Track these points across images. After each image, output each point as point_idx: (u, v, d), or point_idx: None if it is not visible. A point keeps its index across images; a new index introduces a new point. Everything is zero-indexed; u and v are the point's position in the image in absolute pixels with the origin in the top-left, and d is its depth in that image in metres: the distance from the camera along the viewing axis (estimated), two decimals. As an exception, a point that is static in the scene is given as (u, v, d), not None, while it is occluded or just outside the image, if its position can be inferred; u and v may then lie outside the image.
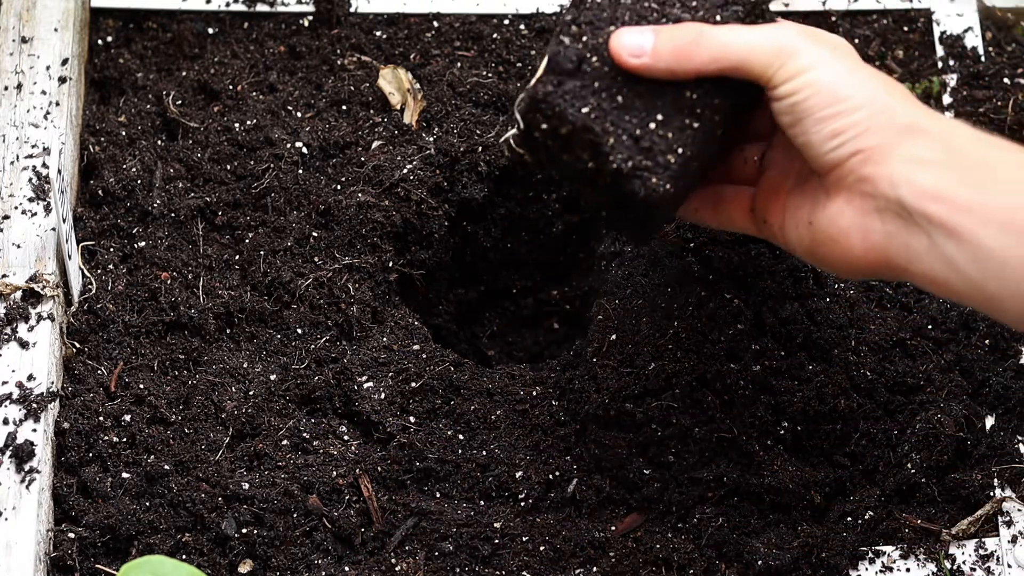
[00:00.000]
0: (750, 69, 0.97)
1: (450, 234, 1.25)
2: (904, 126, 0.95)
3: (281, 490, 1.08)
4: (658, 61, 0.98)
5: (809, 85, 0.96)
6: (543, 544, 1.08)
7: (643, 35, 0.98)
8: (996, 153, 0.94)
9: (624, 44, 0.98)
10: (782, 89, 0.96)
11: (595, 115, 0.97)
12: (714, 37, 0.97)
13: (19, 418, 1.09)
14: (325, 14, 1.31)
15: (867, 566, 1.09)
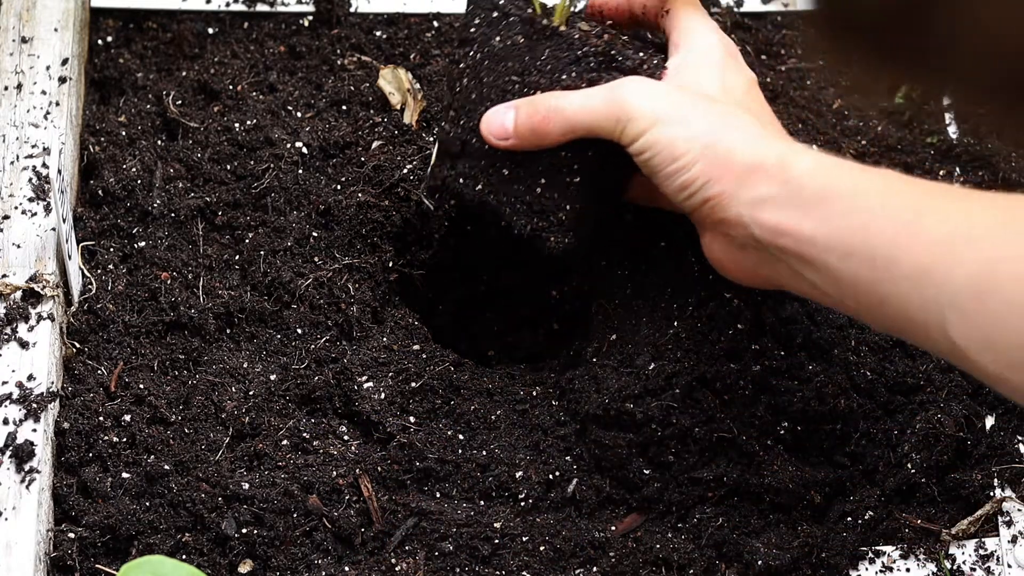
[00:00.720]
0: (599, 134, 1.04)
1: (450, 234, 1.25)
2: (743, 170, 1.00)
3: (281, 490, 1.08)
4: (522, 140, 1.07)
5: (650, 147, 1.02)
6: (543, 544, 1.08)
7: (506, 115, 1.07)
8: (833, 180, 0.97)
9: (491, 129, 1.08)
10: (630, 149, 1.03)
11: (489, 191, 1.08)
12: (561, 112, 1.05)
13: (19, 418, 1.09)
14: (325, 14, 1.31)
15: (867, 566, 1.09)
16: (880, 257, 0.93)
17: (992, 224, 0.91)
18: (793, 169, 0.98)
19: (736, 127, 1.02)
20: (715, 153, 1.00)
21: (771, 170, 0.99)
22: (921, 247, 0.92)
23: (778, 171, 0.98)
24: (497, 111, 1.08)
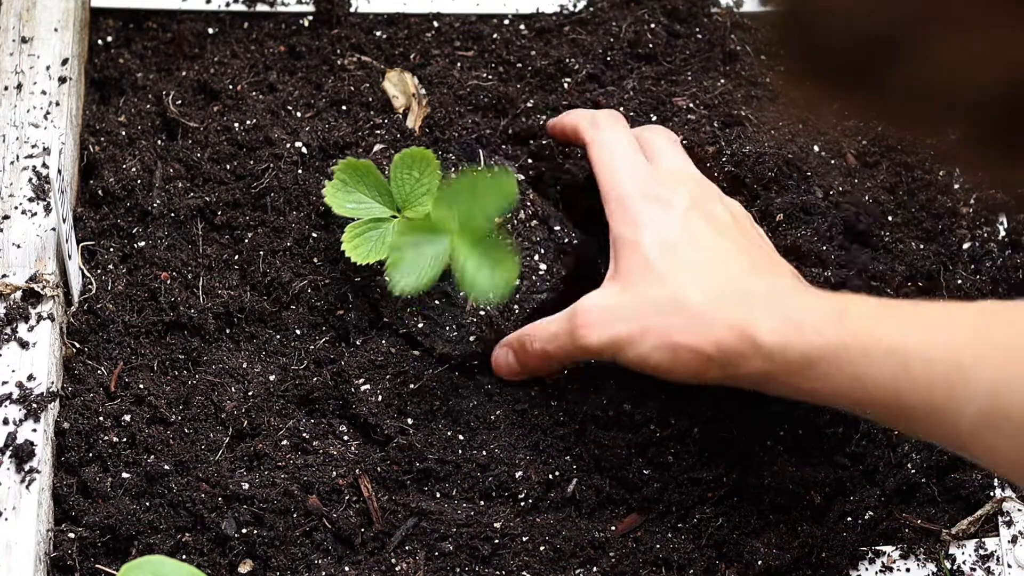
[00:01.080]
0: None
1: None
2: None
3: (281, 490, 1.08)
4: (525, 370, 1.13)
5: (637, 365, 1.05)
6: (543, 544, 1.08)
7: (507, 356, 1.13)
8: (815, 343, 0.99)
9: (501, 372, 1.15)
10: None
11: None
12: (533, 347, 1.11)
13: (19, 418, 1.09)
14: (325, 14, 1.31)
15: (867, 566, 1.09)
16: (888, 405, 0.95)
17: (980, 343, 0.91)
18: (763, 344, 0.99)
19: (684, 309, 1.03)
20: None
21: (745, 351, 1.00)
22: (923, 391, 0.93)
23: (752, 351, 1.00)
24: (496, 354, 1.14)
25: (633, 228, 1.08)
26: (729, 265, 1.06)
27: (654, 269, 1.05)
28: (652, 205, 1.09)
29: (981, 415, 0.89)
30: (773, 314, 0.99)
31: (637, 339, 1.03)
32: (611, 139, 1.14)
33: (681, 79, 1.28)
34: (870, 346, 0.95)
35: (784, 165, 1.21)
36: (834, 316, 0.97)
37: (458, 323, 1.16)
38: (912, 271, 1.20)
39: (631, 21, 1.30)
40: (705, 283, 1.03)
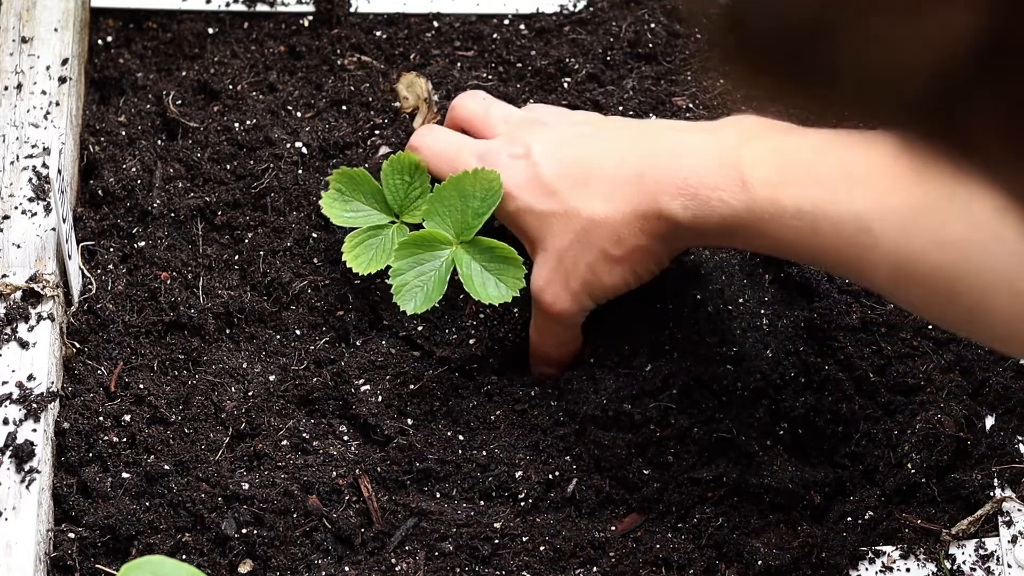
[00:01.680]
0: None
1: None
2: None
3: (281, 490, 1.08)
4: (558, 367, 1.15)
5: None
6: (543, 544, 1.08)
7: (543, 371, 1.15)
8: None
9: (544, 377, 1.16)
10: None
11: None
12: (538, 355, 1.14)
13: (19, 418, 1.09)
14: (325, 14, 1.31)
15: (867, 566, 1.09)
16: (808, 261, 1.01)
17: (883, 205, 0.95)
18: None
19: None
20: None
21: (670, 230, 1.03)
22: (834, 252, 0.97)
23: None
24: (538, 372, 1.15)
25: (508, 195, 1.09)
26: (608, 155, 1.07)
27: (547, 214, 1.07)
28: (506, 161, 1.10)
29: (892, 276, 0.93)
30: (678, 191, 1.01)
31: (591, 279, 1.06)
32: (426, 140, 1.15)
33: (681, 79, 1.28)
34: (777, 212, 0.97)
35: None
36: (736, 181, 0.99)
37: (458, 326, 1.15)
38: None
39: (631, 21, 1.30)
40: (599, 187, 1.05)
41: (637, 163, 1.04)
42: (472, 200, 1.11)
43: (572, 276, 1.07)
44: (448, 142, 1.14)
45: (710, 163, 1.01)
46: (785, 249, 0.99)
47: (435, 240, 1.11)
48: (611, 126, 1.11)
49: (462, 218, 1.11)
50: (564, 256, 1.06)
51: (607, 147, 1.07)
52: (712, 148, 1.02)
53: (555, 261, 1.07)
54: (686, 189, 1.01)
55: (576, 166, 1.07)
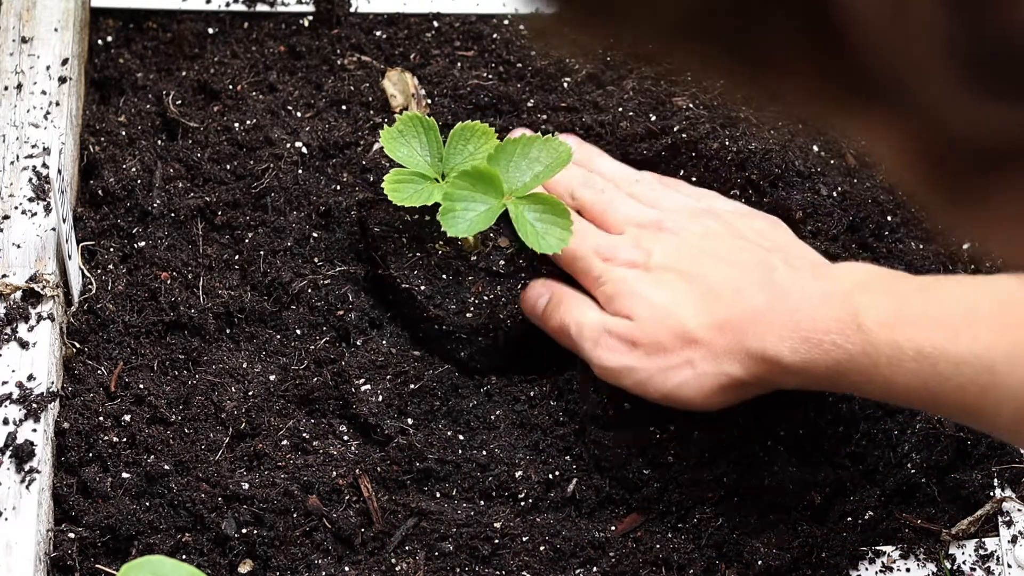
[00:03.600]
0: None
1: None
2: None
3: (281, 490, 1.08)
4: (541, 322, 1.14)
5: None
6: (543, 544, 1.08)
7: (539, 298, 1.14)
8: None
9: (525, 305, 1.15)
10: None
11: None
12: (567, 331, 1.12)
13: (19, 418, 1.09)
14: (325, 14, 1.31)
15: (867, 566, 1.09)
16: (924, 404, 0.98)
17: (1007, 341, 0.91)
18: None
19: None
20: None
21: (774, 374, 1.01)
22: (956, 392, 0.93)
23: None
24: (535, 291, 1.14)
25: (620, 295, 1.09)
26: (726, 284, 1.06)
27: (651, 306, 1.06)
28: (624, 271, 1.10)
29: (1018, 412, 0.89)
30: (789, 333, 0.99)
31: (673, 392, 1.05)
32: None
33: (681, 79, 1.28)
34: (895, 355, 0.94)
35: (788, 163, 1.21)
36: (851, 324, 0.96)
37: (460, 299, 1.16)
38: (911, 271, 1.20)
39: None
40: (706, 311, 1.04)
41: (751, 298, 1.03)
42: (536, 164, 1.14)
43: (655, 381, 1.06)
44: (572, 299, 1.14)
45: (824, 308, 0.99)
46: (897, 392, 0.96)
47: (491, 181, 1.12)
48: (733, 246, 1.09)
49: (520, 177, 1.14)
50: (657, 360, 1.06)
51: (727, 274, 1.06)
52: (825, 292, 1.00)
53: (646, 360, 1.06)
54: (798, 332, 0.98)
55: (693, 284, 1.06)
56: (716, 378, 1.02)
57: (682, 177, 1.22)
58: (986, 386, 0.91)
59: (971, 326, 0.93)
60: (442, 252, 1.18)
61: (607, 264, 1.10)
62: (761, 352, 1.00)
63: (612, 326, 1.07)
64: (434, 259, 1.17)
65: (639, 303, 1.07)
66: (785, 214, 1.19)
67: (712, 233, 1.10)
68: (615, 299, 1.08)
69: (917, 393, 0.95)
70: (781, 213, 1.19)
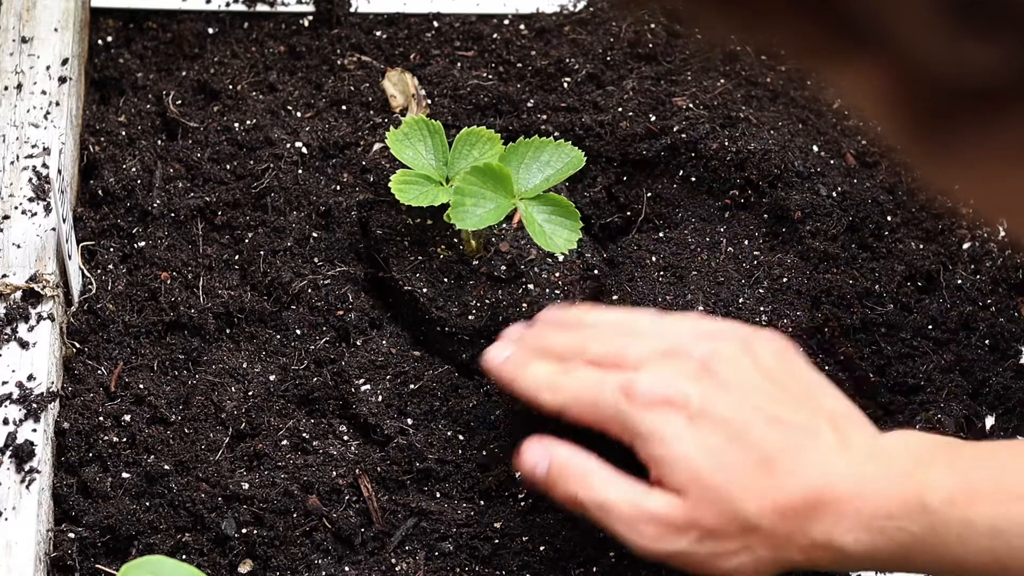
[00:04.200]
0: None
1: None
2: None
3: (281, 490, 1.08)
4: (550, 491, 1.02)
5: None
6: (543, 544, 1.08)
7: (539, 462, 1.02)
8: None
9: (523, 467, 1.03)
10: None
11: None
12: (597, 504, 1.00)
13: (19, 418, 1.09)
14: (325, 14, 1.31)
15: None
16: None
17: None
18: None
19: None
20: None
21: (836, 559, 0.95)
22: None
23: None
24: (531, 451, 1.01)
25: (658, 444, 0.96)
26: (771, 450, 0.95)
27: (705, 487, 0.95)
28: (655, 411, 0.97)
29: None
30: (851, 520, 0.93)
31: (713, 558, 0.95)
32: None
33: (681, 79, 1.28)
34: (966, 532, 0.90)
35: (788, 163, 1.21)
36: (916, 506, 0.92)
37: (461, 301, 1.16)
38: (912, 271, 1.20)
39: (631, 21, 1.30)
40: (762, 493, 0.94)
41: (810, 479, 0.94)
42: (547, 168, 1.14)
43: (708, 566, 0.96)
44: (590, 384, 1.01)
45: (886, 490, 0.93)
46: (969, 568, 0.91)
47: (502, 180, 1.12)
48: (767, 391, 0.98)
49: (531, 178, 1.14)
50: (711, 546, 0.96)
51: (778, 439, 0.95)
52: (886, 473, 0.94)
53: (698, 546, 0.96)
54: (861, 519, 0.92)
55: (750, 450, 0.95)
56: (775, 564, 0.95)
57: (681, 177, 1.22)
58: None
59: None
60: (444, 256, 1.18)
61: (633, 405, 0.97)
62: (827, 543, 0.93)
63: (656, 510, 0.95)
64: (436, 263, 1.17)
65: (685, 473, 0.95)
66: (785, 214, 1.19)
67: (743, 370, 0.98)
68: (659, 465, 0.96)
69: (990, 569, 0.91)
70: (781, 213, 1.19)
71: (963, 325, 1.18)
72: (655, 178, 1.24)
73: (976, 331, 1.18)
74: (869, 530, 0.92)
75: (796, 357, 1.00)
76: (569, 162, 1.14)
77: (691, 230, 1.20)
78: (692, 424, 0.96)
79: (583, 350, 1.02)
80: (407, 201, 1.14)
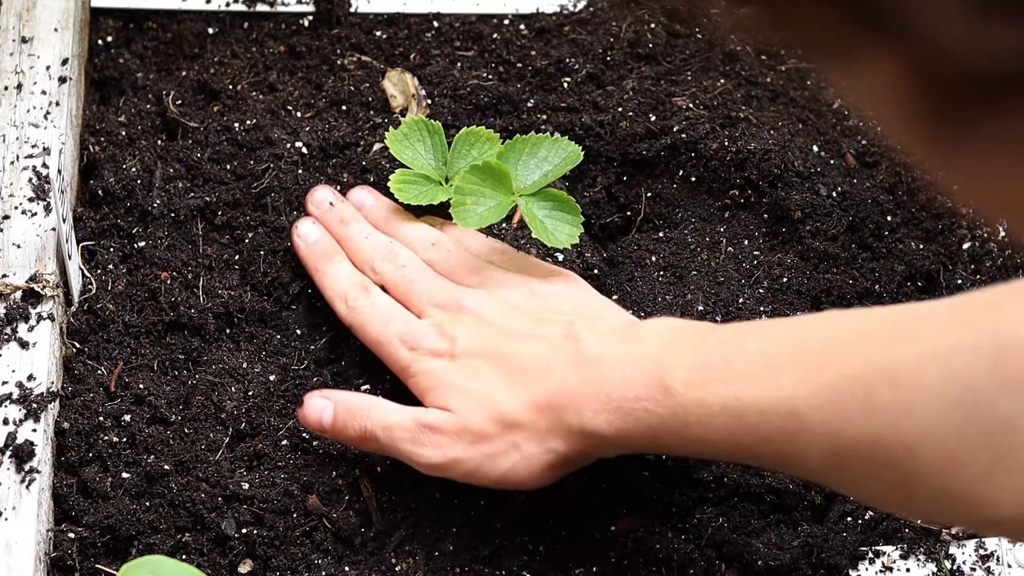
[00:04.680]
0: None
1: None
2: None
3: (281, 490, 1.08)
4: (332, 433, 1.09)
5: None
6: (543, 544, 1.08)
7: (324, 412, 1.08)
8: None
9: (306, 420, 1.09)
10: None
11: None
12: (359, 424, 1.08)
13: (19, 418, 1.09)
14: (325, 14, 1.31)
15: (867, 566, 1.09)
16: (733, 456, 0.98)
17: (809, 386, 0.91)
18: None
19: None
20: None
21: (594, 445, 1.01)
22: (763, 442, 0.92)
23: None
24: (312, 403, 1.08)
25: (427, 382, 1.06)
26: (536, 359, 1.04)
27: (467, 395, 1.03)
28: (430, 357, 1.07)
29: (825, 456, 0.89)
30: (603, 405, 0.98)
31: (486, 460, 1.02)
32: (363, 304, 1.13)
33: (681, 79, 1.28)
34: (703, 412, 0.94)
35: (787, 163, 1.21)
36: (659, 388, 0.96)
37: None
38: (912, 271, 1.20)
39: (631, 21, 1.30)
40: (519, 394, 1.02)
41: (564, 374, 1.02)
42: (545, 164, 1.14)
43: (485, 469, 1.03)
44: (382, 314, 1.11)
45: (633, 375, 0.98)
46: (710, 448, 0.96)
47: (502, 177, 1.12)
48: (537, 317, 1.07)
49: (529, 175, 1.14)
50: (483, 448, 1.03)
51: (536, 351, 1.04)
52: (633, 359, 0.99)
53: (472, 449, 1.03)
54: (610, 404, 0.98)
55: (504, 367, 1.04)
56: (543, 457, 1.01)
57: (681, 177, 1.22)
58: (792, 432, 0.90)
59: (774, 375, 0.92)
60: None
61: (413, 354, 1.07)
62: (580, 427, 0.99)
63: (431, 420, 1.03)
64: None
65: (454, 394, 1.04)
66: (784, 214, 1.19)
67: (513, 307, 1.08)
68: (428, 393, 1.05)
69: (728, 447, 0.94)
70: (780, 213, 1.19)
71: (963, 325, 1.18)
72: (655, 178, 1.24)
73: (976, 331, 1.18)
74: (619, 412, 0.98)
75: (582, 286, 1.11)
76: (567, 157, 1.14)
77: (691, 230, 1.20)
78: (458, 360, 1.05)
79: (384, 266, 1.13)
80: (406, 200, 1.14)
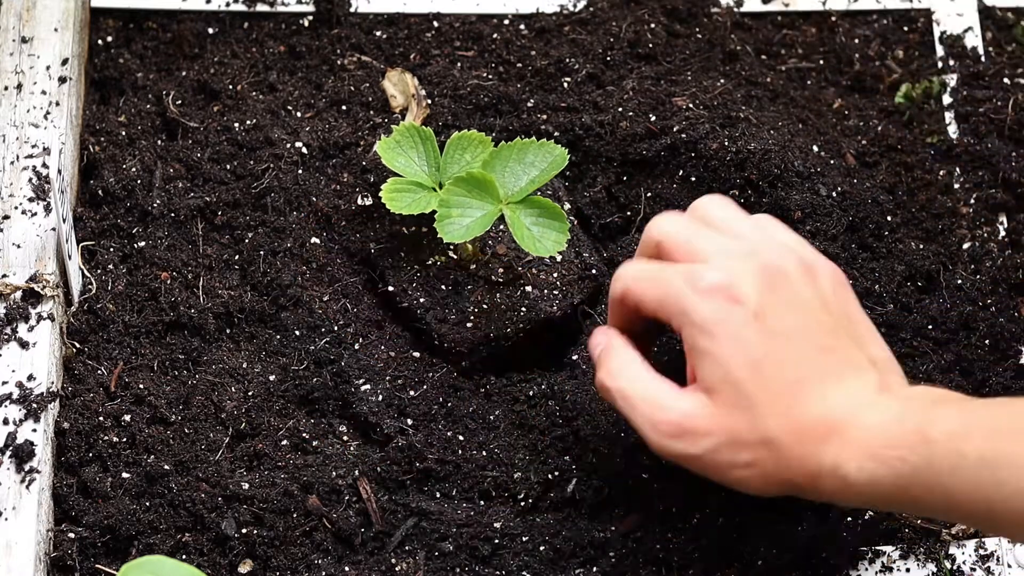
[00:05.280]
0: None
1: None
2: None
3: (281, 490, 1.08)
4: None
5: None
6: (543, 544, 1.08)
7: (596, 346, 1.05)
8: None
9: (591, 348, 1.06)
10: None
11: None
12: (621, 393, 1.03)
13: (19, 418, 1.09)
14: (325, 14, 1.31)
15: (867, 566, 1.09)
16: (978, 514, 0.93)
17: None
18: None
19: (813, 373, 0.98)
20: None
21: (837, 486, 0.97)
22: (1016, 499, 0.91)
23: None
24: (598, 334, 1.05)
25: (707, 336, 0.98)
26: (812, 375, 0.98)
27: (738, 392, 0.97)
28: (715, 301, 0.98)
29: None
30: (859, 449, 0.95)
31: (724, 465, 0.99)
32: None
33: (681, 79, 1.28)
34: (957, 465, 0.92)
35: (787, 163, 1.21)
36: (918, 438, 0.94)
37: (459, 308, 1.16)
38: (912, 271, 1.20)
39: (631, 21, 1.30)
40: (788, 411, 0.97)
41: (834, 406, 0.97)
42: (531, 169, 1.14)
43: (722, 472, 0.99)
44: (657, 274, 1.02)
45: (895, 424, 0.95)
46: (956, 500, 0.93)
47: (487, 187, 1.12)
48: (816, 312, 1.00)
49: (516, 182, 1.14)
50: (726, 431, 0.98)
51: (816, 363, 0.98)
52: (900, 412, 0.96)
53: (715, 423, 0.98)
54: (866, 449, 0.95)
55: (786, 375, 0.97)
56: (779, 485, 0.98)
57: (681, 177, 1.22)
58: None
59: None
60: (440, 263, 1.18)
61: (694, 291, 0.99)
62: (833, 469, 0.96)
63: (684, 410, 0.99)
64: (432, 271, 1.17)
65: (722, 374, 0.97)
66: (784, 214, 1.19)
67: (802, 292, 1.00)
68: (700, 356, 0.98)
69: (974, 501, 0.92)
70: (780, 213, 1.19)
71: (963, 325, 1.18)
72: (655, 178, 1.24)
73: (976, 331, 1.18)
74: (873, 459, 0.95)
75: (850, 293, 1.03)
76: (553, 161, 1.14)
77: (691, 230, 1.20)
78: (744, 326, 0.97)
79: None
80: (398, 210, 1.14)
